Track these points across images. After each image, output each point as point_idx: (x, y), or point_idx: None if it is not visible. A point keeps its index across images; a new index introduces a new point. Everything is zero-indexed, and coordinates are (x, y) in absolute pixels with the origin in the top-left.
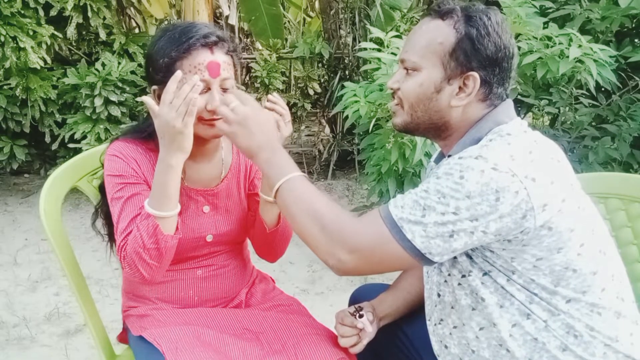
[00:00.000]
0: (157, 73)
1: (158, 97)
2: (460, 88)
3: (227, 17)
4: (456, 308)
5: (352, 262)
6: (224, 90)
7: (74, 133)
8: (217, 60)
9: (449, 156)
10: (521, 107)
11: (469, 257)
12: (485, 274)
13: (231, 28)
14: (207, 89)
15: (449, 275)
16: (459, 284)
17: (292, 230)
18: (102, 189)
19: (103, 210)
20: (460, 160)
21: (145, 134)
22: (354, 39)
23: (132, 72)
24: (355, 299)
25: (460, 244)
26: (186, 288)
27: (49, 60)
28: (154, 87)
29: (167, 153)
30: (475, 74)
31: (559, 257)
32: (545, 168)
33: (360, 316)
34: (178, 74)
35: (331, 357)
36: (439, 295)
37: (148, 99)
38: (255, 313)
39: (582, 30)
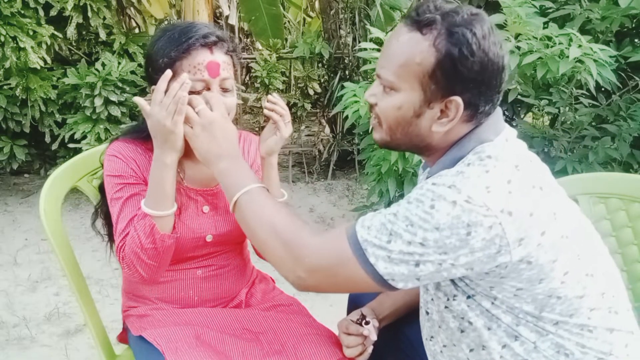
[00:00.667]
0: (157, 73)
1: None
2: (442, 111)
3: (227, 17)
4: (443, 328)
5: (311, 279)
6: (224, 90)
7: (74, 133)
8: (216, 60)
9: (429, 173)
10: (521, 107)
11: (452, 280)
12: (469, 297)
13: (231, 28)
14: (207, 88)
15: (435, 294)
16: (446, 307)
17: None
18: (102, 189)
19: (103, 210)
20: (433, 187)
21: (144, 134)
22: (354, 39)
23: (132, 72)
24: (354, 299)
25: (425, 273)
26: (186, 288)
27: (49, 60)
28: (154, 87)
29: (162, 152)
30: (458, 99)
31: (541, 286)
32: (524, 199)
33: (367, 323)
34: (168, 73)
35: (331, 358)
36: (427, 312)
37: (140, 99)
38: (255, 313)
39: (582, 30)
